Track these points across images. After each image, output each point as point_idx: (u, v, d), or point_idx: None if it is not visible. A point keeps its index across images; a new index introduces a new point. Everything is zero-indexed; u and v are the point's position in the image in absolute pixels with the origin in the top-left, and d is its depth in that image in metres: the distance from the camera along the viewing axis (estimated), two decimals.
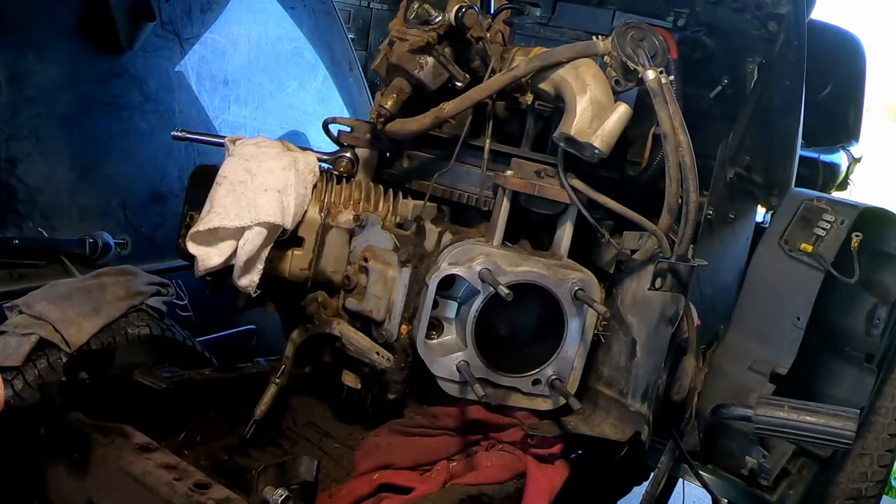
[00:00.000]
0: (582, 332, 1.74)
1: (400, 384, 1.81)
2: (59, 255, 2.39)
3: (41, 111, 2.43)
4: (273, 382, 1.85)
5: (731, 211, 1.97)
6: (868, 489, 2.04)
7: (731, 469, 2.00)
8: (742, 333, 2.02)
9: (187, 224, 1.83)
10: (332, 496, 1.80)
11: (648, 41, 1.62)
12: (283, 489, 1.51)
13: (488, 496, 1.76)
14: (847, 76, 3.32)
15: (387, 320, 1.77)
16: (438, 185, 1.85)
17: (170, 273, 2.44)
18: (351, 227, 1.83)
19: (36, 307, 1.96)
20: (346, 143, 1.96)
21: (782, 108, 2.04)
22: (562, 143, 1.69)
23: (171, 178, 2.80)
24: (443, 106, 1.74)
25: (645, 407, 1.69)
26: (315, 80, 3.51)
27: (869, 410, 2.08)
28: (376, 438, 1.89)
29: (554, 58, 1.69)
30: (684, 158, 1.56)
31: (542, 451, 1.81)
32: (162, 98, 2.80)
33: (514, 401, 1.78)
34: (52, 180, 2.45)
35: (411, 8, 1.78)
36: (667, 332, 1.66)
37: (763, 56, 2.06)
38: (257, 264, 1.74)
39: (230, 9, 3.07)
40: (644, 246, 1.77)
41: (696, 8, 2.05)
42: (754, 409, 1.72)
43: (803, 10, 1.97)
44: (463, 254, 1.71)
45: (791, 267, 1.96)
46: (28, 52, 2.41)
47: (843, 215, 1.94)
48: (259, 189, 1.73)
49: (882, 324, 2.06)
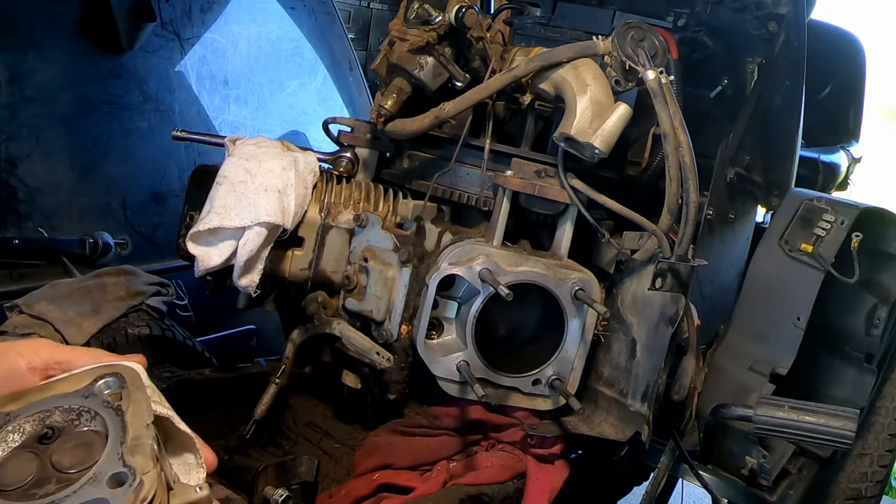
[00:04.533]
0: (582, 332, 1.74)
1: (400, 384, 1.81)
2: (59, 255, 2.39)
3: (41, 111, 2.43)
4: (273, 382, 1.85)
5: (731, 211, 1.97)
6: (868, 489, 2.04)
7: (731, 469, 2.00)
8: (742, 333, 2.02)
9: (187, 224, 1.83)
10: (332, 496, 1.80)
11: (648, 41, 1.62)
12: (283, 489, 1.51)
13: (488, 496, 1.76)
14: (847, 76, 3.32)
15: (387, 320, 1.77)
16: (438, 185, 1.85)
17: (170, 273, 2.45)
18: (351, 227, 1.83)
19: (36, 307, 1.96)
20: (346, 143, 1.96)
21: (782, 108, 2.04)
22: (562, 143, 1.69)
23: (171, 178, 2.80)
24: (443, 106, 1.74)
25: (645, 407, 1.69)
26: (315, 80, 3.51)
27: (869, 410, 2.08)
28: (376, 438, 1.89)
29: (554, 58, 1.69)
30: (684, 158, 1.56)
31: (542, 451, 1.81)
32: (162, 98, 2.80)
33: (514, 401, 1.78)
34: (52, 180, 2.46)
35: (411, 8, 1.78)
36: (667, 332, 1.66)
37: (763, 56, 2.06)
38: (257, 264, 1.74)
39: (230, 9, 3.07)
40: (644, 246, 1.77)
41: (696, 8, 2.05)
42: (754, 409, 1.72)
43: (803, 10, 1.97)
44: (463, 254, 1.71)
45: (791, 267, 1.96)
46: (28, 52, 2.41)
47: (843, 215, 1.94)
48: (259, 189, 1.73)
49: (882, 324, 2.06)
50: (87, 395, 0.82)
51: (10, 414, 0.80)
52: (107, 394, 0.82)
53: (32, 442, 0.80)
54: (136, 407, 0.82)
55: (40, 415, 0.81)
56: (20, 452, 0.79)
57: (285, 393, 1.93)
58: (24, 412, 0.81)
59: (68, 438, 0.80)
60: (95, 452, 0.78)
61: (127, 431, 0.79)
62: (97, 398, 0.82)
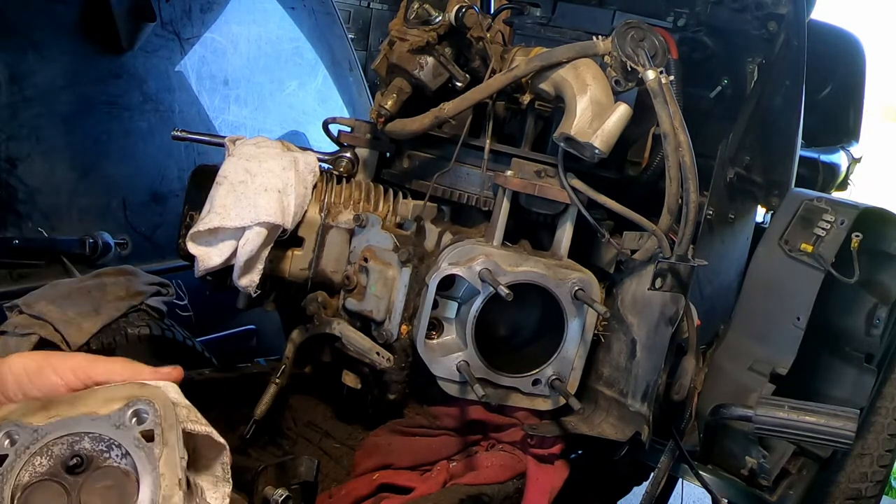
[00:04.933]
0: (582, 332, 1.74)
1: (400, 384, 1.81)
2: (59, 255, 2.39)
3: (41, 111, 2.43)
4: (273, 382, 1.85)
5: (731, 211, 1.97)
6: (868, 489, 2.04)
7: (731, 469, 2.00)
8: (742, 333, 2.02)
9: (187, 224, 1.83)
10: (333, 496, 1.80)
11: (648, 41, 1.62)
12: (283, 489, 1.51)
13: (488, 496, 1.76)
14: (847, 76, 3.32)
15: (387, 320, 1.77)
16: (438, 185, 1.85)
17: (170, 273, 2.45)
18: (351, 227, 1.83)
19: (36, 307, 1.96)
20: (346, 143, 1.96)
21: (782, 108, 2.04)
22: (562, 143, 1.69)
23: (171, 178, 2.80)
24: (443, 106, 1.74)
25: (645, 407, 1.69)
26: (315, 80, 3.51)
27: (869, 410, 2.08)
28: (376, 438, 1.89)
29: (554, 58, 1.69)
30: (684, 158, 1.56)
31: (542, 451, 1.81)
32: (162, 98, 2.80)
33: (514, 401, 1.78)
34: (52, 180, 2.45)
35: (411, 8, 1.78)
36: (667, 332, 1.66)
37: (763, 56, 2.06)
38: (257, 264, 1.74)
39: (230, 9, 3.07)
40: (644, 246, 1.77)
41: (696, 8, 2.05)
42: (754, 409, 1.72)
43: (803, 10, 1.97)
44: (463, 254, 1.71)
45: (791, 267, 1.96)
46: (28, 52, 2.41)
47: (843, 215, 1.94)
48: (259, 189, 1.73)
49: (882, 324, 2.06)
50: (118, 424, 0.80)
51: (39, 430, 0.78)
52: (139, 430, 0.80)
53: (59, 470, 0.78)
54: (169, 455, 0.80)
55: (69, 438, 0.79)
56: (49, 483, 0.77)
57: (285, 393, 1.93)
58: (52, 431, 0.79)
59: (98, 475, 0.78)
60: (127, 500, 0.77)
61: (159, 486, 0.78)
62: (129, 432, 0.80)
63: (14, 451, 0.77)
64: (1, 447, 0.77)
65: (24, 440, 0.77)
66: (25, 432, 0.78)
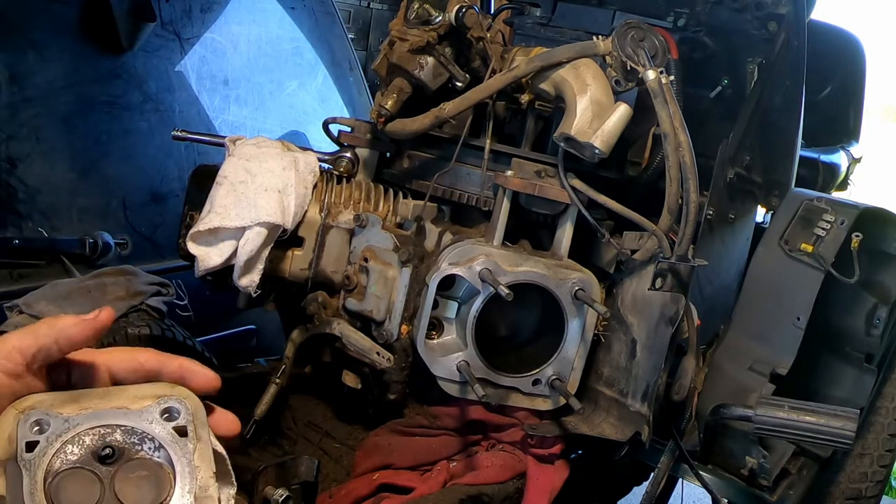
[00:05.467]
0: (582, 332, 1.74)
1: (400, 384, 1.81)
2: (59, 255, 2.39)
3: (41, 111, 2.43)
4: (273, 382, 1.85)
5: (731, 211, 1.97)
6: (868, 489, 2.04)
7: (731, 469, 2.00)
8: (742, 333, 2.02)
9: (187, 224, 1.83)
10: (333, 496, 1.80)
11: (649, 41, 1.62)
12: (283, 489, 1.51)
13: (488, 496, 1.76)
14: (847, 76, 3.32)
15: (387, 320, 1.77)
16: (438, 185, 1.85)
17: (170, 273, 2.44)
18: (351, 227, 1.83)
19: (36, 307, 1.96)
20: (346, 143, 1.96)
21: (782, 108, 2.04)
22: (562, 143, 1.69)
23: (171, 178, 2.80)
24: (443, 106, 1.74)
25: (645, 407, 1.69)
26: (315, 80, 3.51)
27: (869, 410, 2.08)
28: (376, 438, 1.89)
29: (554, 58, 1.69)
30: (684, 158, 1.56)
31: (542, 451, 1.81)
32: (162, 98, 2.80)
33: (515, 401, 1.78)
34: (52, 180, 2.45)
35: (411, 8, 1.78)
36: (667, 332, 1.66)
37: (763, 56, 2.06)
38: (257, 264, 1.74)
39: (230, 9, 3.07)
40: (644, 246, 1.77)
41: (696, 8, 2.05)
42: (754, 409, 1.72)
43: (803, 10, 1.97)
44: (463, 254, 1.71)
45: (791, 267, 1.96)
46: (28, 52, 2.41)
47: (843, 215, 1.94)
48: (259, 189, 1.73)
49: (882, 324, 2.06)
50: (150, 420, 0.80)
51: (70, 420, 0.78)
52: (171, 426, 0.80)
53: (91, 459, 0.77)
54: (203, 450, 0.81)
55: (101, 430, 0.78)
56: (81, 472, 0.76)
57: (285, 393, 1.93)
58: (83, 422, 0.78)
59: (132, 466, 0.78)
60: (162, 491, 0.77)
61: (196, 478, 0.78)
62: (162, 427, 0.80)
63: (45, 438, 0.76)
64: (31, 435, 0.77)
65: (55, 429, 0.77)
66: (56, 421, 0.77)
